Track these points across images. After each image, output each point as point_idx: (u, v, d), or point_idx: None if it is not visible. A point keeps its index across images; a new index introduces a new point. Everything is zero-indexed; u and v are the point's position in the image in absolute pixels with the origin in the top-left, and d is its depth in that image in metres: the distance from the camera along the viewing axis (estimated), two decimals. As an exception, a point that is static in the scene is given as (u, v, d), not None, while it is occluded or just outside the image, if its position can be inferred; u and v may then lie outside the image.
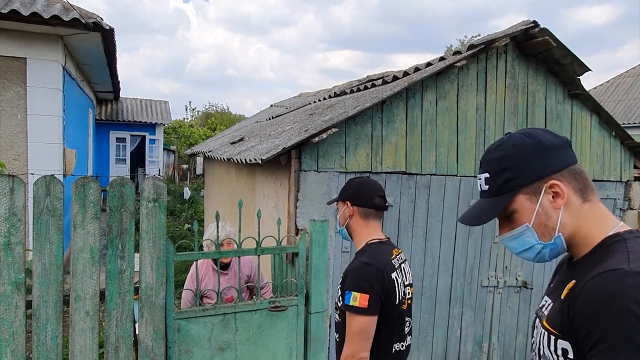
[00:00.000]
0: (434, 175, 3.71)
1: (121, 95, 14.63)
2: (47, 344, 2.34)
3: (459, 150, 3.77)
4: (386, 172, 3.55)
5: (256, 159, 3.37)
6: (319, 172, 3.33)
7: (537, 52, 3.88)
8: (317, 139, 3.16)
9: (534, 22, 3.68)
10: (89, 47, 6.88)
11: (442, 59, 4.04)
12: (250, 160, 3.55)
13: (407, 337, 1.98)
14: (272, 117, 7.92)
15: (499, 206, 1.13)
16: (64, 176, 6.32)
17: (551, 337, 1.03)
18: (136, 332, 2.59)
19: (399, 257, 1.98)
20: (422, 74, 3.65)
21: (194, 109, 34.12)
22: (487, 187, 1.15)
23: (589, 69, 3.91)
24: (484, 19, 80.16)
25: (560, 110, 4.10)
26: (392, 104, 3.53)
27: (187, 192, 14.43)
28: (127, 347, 2.51)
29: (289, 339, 2.95)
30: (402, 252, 2.05)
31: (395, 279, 1.86)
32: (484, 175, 1.16)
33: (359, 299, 1.76)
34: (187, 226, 10.59)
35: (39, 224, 2.31)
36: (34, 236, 2.31)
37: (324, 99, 6.71)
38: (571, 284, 1.01)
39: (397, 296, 1.86)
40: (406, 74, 4.27)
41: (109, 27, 5.95)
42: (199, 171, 22.37)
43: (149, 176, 2.73)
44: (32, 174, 5.49)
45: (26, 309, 2.33)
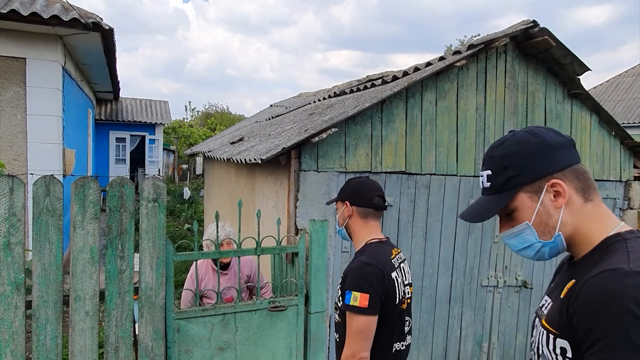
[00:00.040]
0: (434, 175, 3.71)
1: (121, 95, 14.62)
2: (46, 344, 2.34)
3: (458, 150, 3.77)
4: (386, 172, 3.55)
5: (256, 159, 3.37)
6: (319, 172, 3.33)
7: (537, 52, 3.88)
8: (316, 139, 3.16)
9: (534, 21, 3.68)
10: (89, 47, 6.88)
11: (441, 58, 4.04)
12: (250, 160, 3.55)
13: (407, 337, 1.98)
14: (272, 117, 7.92)
15: (500, 204, 1.13)
16: (64, 176, 6.31)
17: (550, 335, 1.03)
18: (136, 332, 2.59)
19: (398, 256, 1.98)
20: (421, 74, 3.65)
21: (193, 109, 34.14)
22: (489, 184, 1.16)
23: (588, 69, 3.91)
24: (483, 19, 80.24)
25: (560, 109, 4.10)
26: (391, 103, 3.53)
27: (187, 192, 14.42)
28: (127, 347, 2.51)
29: (289, 339, 2.95)
30: (401, 252, 2.05)
31: (395, 279, 1.86)
32: (486, 172, 1.16)
33: (359, 299, 1.76)
34: (186, 226, 10.59)
35: (39, 224, 2.31)
36: (33, 236, 2.30)
37: (324, 98, 6.71)
38: (571, 283, 1.01)
39: (397, 296, 1.86)
40: (406, 73, 4.27)
41: (108, 27, 5.95)
42: (199, 171, 22.38)
43: (148, 176, 2.73)
44: (32, 174, 5.50)
45: (26, 309, 2.33)
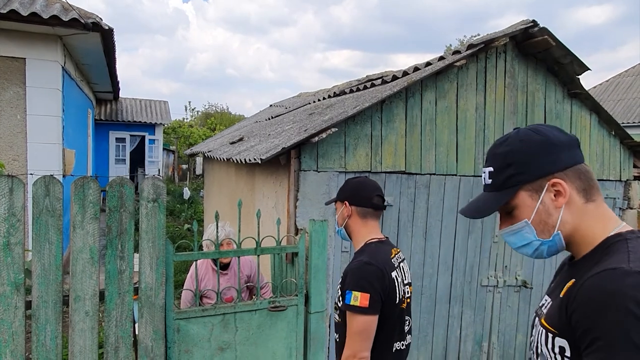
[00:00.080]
0: (434, 174, 3.71)
1: (120, 95, 14.61)
2: (46, 345, 2.34)
3: (458, 149, 3.76)
4: (386, 172, 3.55)
5: (256, 159, 3.37)
6: (319, 172, 3.33)
7: (537, 52, 3.88)
8: (316, 139, 3.16)
9: (534, 21, 3.67)
10: (88, 47, 6.87)
11: (441, 58, 4.04)
12: (249, 160, 3.55)
13: (407, 336, 1.98)
14: (272, 117, 7.92)
15: (500, 201, 1.13)
16: (64, 176, 6.31)
17: (549, 334, 1.03)
18: (136, 332, 2.59)
19: (397, 256, 1.98)
20: (421, 74, 3.65)
21: (193, 109, 34.17)
22: (490, 181, 1.16)
23: (588, 69, 3.91)
24: (483, 19, 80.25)
25: (559, 109, 4.10)
26: (391, 103, 3.53)
27: (187, 192, 14.42)
28: (127, 348, 2.51)
29: (289, 339, 2.95)
30: (400, 252, 2.05)
31: (395, 278, 1.86)
32: (488, 169, 1.16)
33: (359, 299, 1.76)
34: (186, 226, 10.59)
35: (38, 224, 2.31)
36: (33, 236, 2.30)
37: (324, 98, 6.71)
38: (570, 283, 1.01)
39: (397, 295, 1.86)
40: (405, 73, 4.27)
41: (108, 27, 5.94)
42: (199, 171, 22.37)
43: (148, 176, 2.73)
44: (32, 174, 5.50)
45: (25, 309, 2.32)
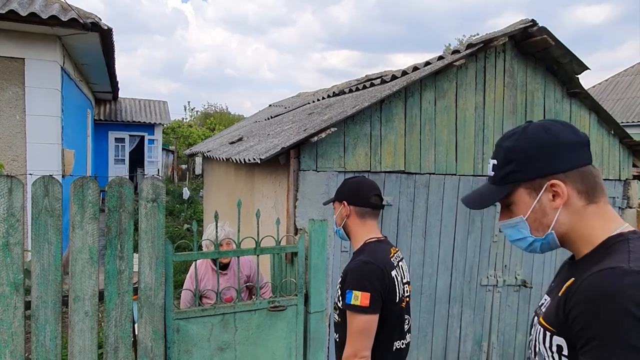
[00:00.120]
0: (433, 174, 3.71)
1: (120, 95, 14.60)
2: (46, 345, 2.34)
3: (457, 149, 3.77)
4: (385, 172, 3.55)
5: (255, 159, 3.37)
6: (318, 172, 3.33)
7: (536, 51, 3.88)
8: (316, 139, 3.16)
9: (533, 21, 3.67)
10: (87, 47, 6.87)
11: (440, 58, 4.04)
12: (249, 160, 3.55)
13: (407, 335, 1.98)
14: (271, 117, 7.92)
15: (498, 195, 1.15)
16: (63, 176, 6.31)
17: (547, 333, 1.03)
18: (135, 332, 2.59)
19: (396, 255, 1.98)
20: (420, 73, 3.65)
21: (192, 109, 34.15)
22: (493, 173, 1.17)
23: (587, 68, 3.91)
24: (482, 18, 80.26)
25: (559, 109, 4.10)
26: (390, 103, 3.53)
27: (186, 192, 14.42)
28: (126, 348, 2.51)
29: (289, 339, 2.95)
30: (399, 251, 2.05)
31: (395, 277, 1.86)
32: (493, 161, 1.17)
33: (360, 298, 1.76)
34: (186, 226, 10.59)
35: (38, 225, 2.30)
36: (32, 237, 2.30)
37: (323, 98, 6.71)
38: (570, 282, 1.01)
39: (397, 294, 1.86)
40: (405, 73, 4.27)
41: (107, 27, 5.94)
42: (198, 171, 22.38)
43: (147, 176, 2.72)
44: (31, 174, 5.50)
45: (25, 309, 2.32)
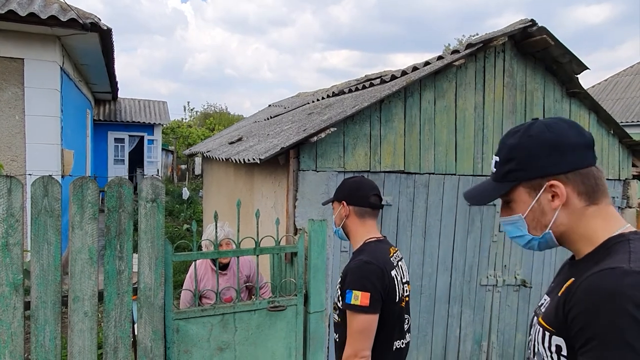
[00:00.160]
0: (433, 174, 3.71)
1: (119, 95, 14.59)
2: (45, 345, 2.33)
3: (457, 149, 3.77)
4: (385, 172, 3.55)
5: (254, 159, 3.36)
6: (318, 172, 3.33)
7: (535, 51, 3.88)
8: (315, 139, 3.16)
9: (532, 20, 3.67)
10: (87, 47, 6.87)
11: (440, 58, 4.04)
12: (248, 160, 3.55)
13: (407, 335, 1.98)
14: (271, 117, 7.91)
15: (498, 192, 1.15)
16: (62, 177, 6.30)
17: (546, 333, 1.03)
18: (135, 332, 2.58)
19: (396, 254, 1.98)
20: (420, 73, 3.65)
21: (192, 109, 34.21)
22: (495, 170, 1.18)
23: (587, 68, 3.91)
24: (482, 18, 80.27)
25: (558, 108, 4.10)
26: (390, 103, 3.53)
27: (186, 193, 14.42)
28: (126, 348, 2.51)
29: (288, 339, 2.95)
30: (398, 250, 2.05)
31: (394, 277, 1.86)
32: (495, 157, 1.18)
33: (360, 298, 1.76)
34: (185, 226, 10.59)
35: (37, 225, 2.30)
36: (32, 237, 2.30)
37: (322, 98, 6.71)
38: (570, 282, 1.01)
39: (397, 294, 1.86)
40: (404, 73, 4.27)
41: (106, 28, 5.94)
42: (198, 171, 22.38)
43: (147, 176, 2.72)
44: (30, 174, 5.50)
45: (24, 310, 2.32)
